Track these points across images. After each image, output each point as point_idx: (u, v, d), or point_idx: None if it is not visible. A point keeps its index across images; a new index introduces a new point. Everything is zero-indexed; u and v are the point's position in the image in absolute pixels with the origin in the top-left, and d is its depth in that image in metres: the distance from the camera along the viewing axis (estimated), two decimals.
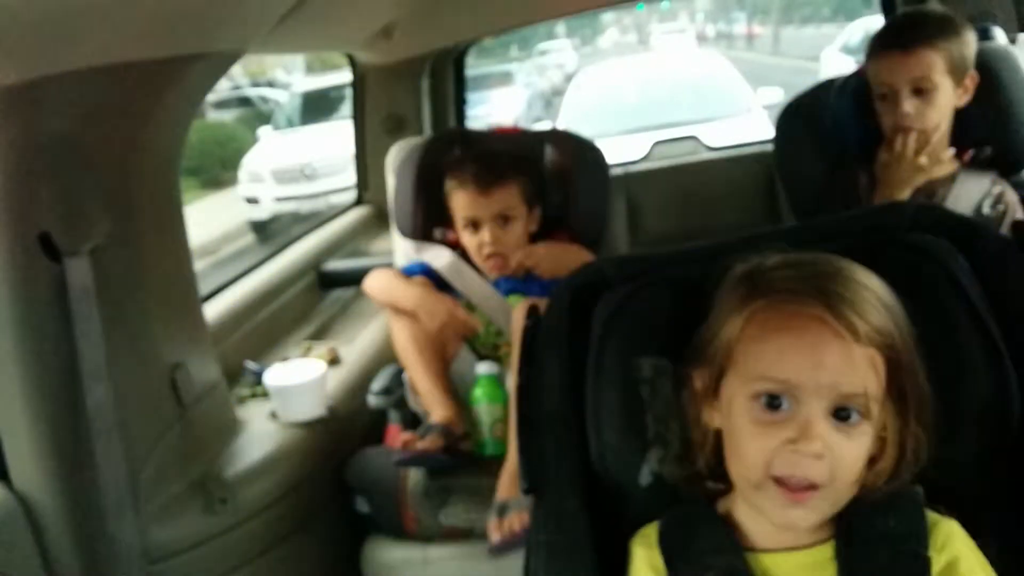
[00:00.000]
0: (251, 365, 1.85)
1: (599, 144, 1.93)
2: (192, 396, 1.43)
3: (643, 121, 5.04)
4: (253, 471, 1.50)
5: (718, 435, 0.83)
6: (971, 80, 1.52)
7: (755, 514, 0.81)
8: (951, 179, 1.57)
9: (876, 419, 0.76)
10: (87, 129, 1.17)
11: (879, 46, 1.55)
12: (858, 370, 0.73)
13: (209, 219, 8.79)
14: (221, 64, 1.35)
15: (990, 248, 0.92)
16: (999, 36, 1.86)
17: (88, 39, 1.03)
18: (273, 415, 1.67)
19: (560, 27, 19.49)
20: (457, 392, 1.68)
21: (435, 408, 1.63)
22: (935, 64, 1.47)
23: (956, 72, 1.49)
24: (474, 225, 1.69)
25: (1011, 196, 1.55)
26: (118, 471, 1.22)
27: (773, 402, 0.75)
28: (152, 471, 1.34)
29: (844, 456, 0.74)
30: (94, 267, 1.19)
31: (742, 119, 5.07)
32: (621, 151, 2.57)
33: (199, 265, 1.54)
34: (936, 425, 0.79)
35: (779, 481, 0.75)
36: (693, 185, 2.31)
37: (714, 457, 0.84)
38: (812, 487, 0.74)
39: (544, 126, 6.56)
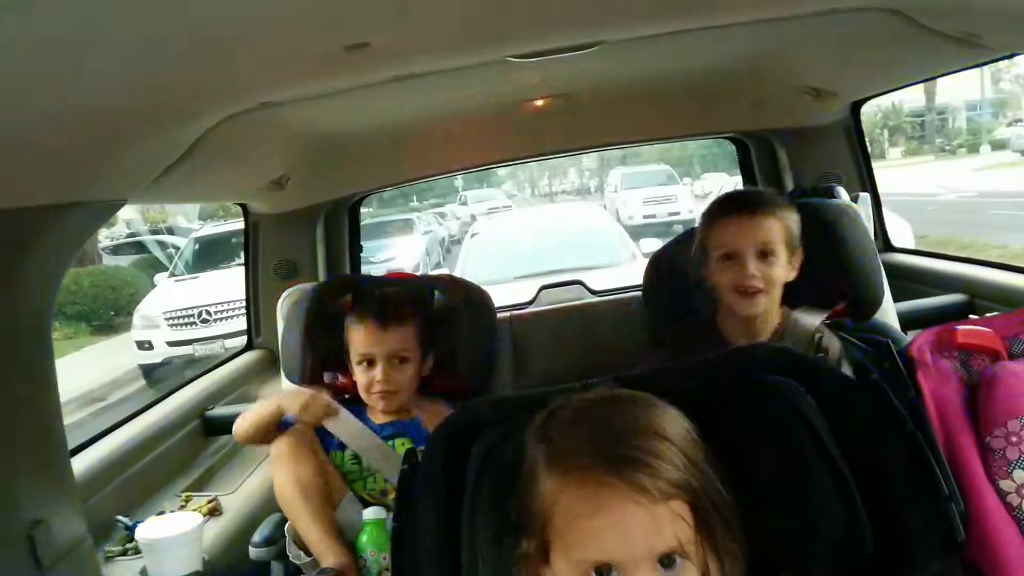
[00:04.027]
0: (123, 519, 1.75)
1: (490, 289, 2.00)
2: (53, 555, 1.32)
3: (534, 268, 5.41)
4: None
5: None
6: (797, 258, 1.61)
7: None
8: (782, 327, 1.65)
9: (696, 555, 0.80)
10: None
11: (723, 212, 1.63)
12: (666, 528, 0.78)
13: (99, 365, 8.47)
14: (100, 214, 1.33)
15: (835, 388, 0.98)
16: (843, 195, 2.06)
17: None
18: (144, 573, 1.57)
19: (458, 181, 20.13)
20: (344, 538, 1.62)
21: (327, 556, 1.57)
22: (777, 231, 1.57)
23: (789, 244, 1.59)
24: (369, 363, 1.71)
25: (833, 344, 1.64)
26: None
27: (601, 573, 0.79)
28: None
29: None
30: None
31: (625, 267, 5.56)
32: (511, 296, 2.66)
33: (83, 413, 1.48)
34: (795, 555, 0.84)
35: None
36: (577, 327, 2.39)
37: None
38: None
39: (443, 271, 6.80)
